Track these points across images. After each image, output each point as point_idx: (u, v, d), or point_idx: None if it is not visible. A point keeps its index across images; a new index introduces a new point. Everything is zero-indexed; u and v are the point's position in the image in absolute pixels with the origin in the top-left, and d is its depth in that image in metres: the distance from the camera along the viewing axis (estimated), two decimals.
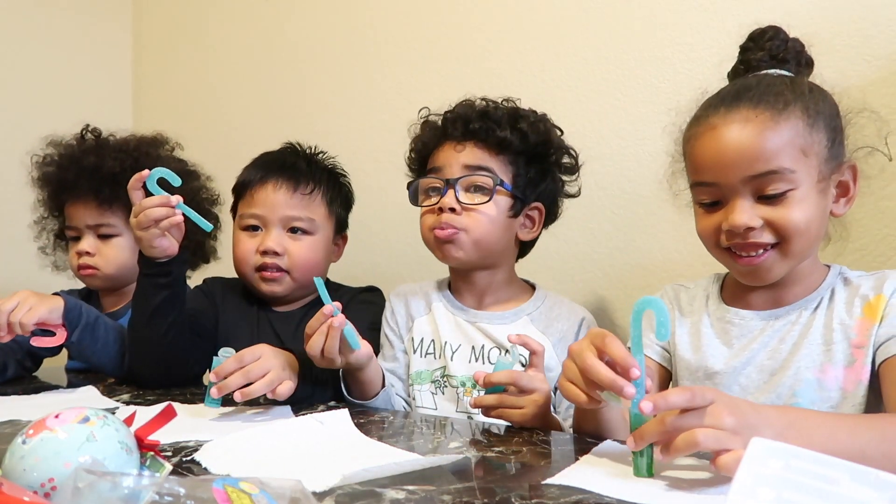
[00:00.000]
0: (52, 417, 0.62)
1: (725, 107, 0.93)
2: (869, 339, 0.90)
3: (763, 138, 0.89)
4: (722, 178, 0.92)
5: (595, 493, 0.68)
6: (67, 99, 2.10)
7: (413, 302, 1.29)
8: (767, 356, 0.96)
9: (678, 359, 1.04)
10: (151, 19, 2.31)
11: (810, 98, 0.92)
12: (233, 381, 0.99)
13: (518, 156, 1.21)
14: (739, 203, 0.91)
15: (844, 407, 0.90)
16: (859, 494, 0.51)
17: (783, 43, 0.99)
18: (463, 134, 1.20)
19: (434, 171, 1.22)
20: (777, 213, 0.90)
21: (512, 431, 0.95)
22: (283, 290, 1.33)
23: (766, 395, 0.94)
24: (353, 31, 1.82)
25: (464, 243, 1.18)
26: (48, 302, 1.21)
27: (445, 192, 1.18)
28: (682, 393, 0.70)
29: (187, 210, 1.17)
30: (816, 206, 0.91)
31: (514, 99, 1.27)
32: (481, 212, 1.18)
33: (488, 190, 1.18)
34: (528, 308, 1.24)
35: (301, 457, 0.82)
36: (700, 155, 0.95)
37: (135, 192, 1.16)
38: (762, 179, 0.89)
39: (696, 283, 1.10)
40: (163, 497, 0.50)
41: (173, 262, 1.20)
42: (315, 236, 1.35)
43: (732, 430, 0.68)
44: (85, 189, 1.42)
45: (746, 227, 0.90)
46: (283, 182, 1.32)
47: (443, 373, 1.22)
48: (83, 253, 1.44)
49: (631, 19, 1.41)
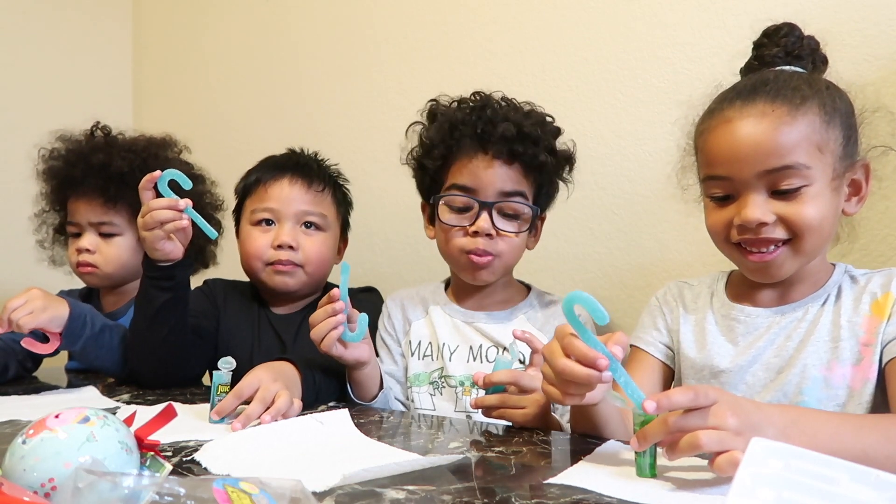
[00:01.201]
0: (52, 417, 0.62)
1: (741, 100, 0.92)
2: (877, 336, 0.90)
3: (779, 133, 0.88)
4: (736, 172, 0.91)
5: (596, 493, 0.68)
6: (67, 99, 2.10)
7: (410, 306, 1.29)
8: (774, 353, 0.95)
9: (683, 357, 1.03)
10: (151, 19, 2.31)
11: (827, 95, 0.92)
12: (237, 425, 0.94)
13: (545, 174, 1.21)
14: (753, 197, 0.90)
15: (851, 405, 0.90)
16: (859, 494, 0.51)
17: (798, 40, 0.98)
18: (505, 153, 1.16)
19: (465, 188, 1.18)
20: (791, 209, 0.89)
21: (512, 431, 0.95)
22: (295, 284, 1.33)
23: (773, 394, 0.93)
24: (353, 31, 1.82)
25: (496, 269, 1.20)
26: (53, 309, 1.19)
27: (480, 215, 1.16)
28: (686, 393, 0.70)
29: (194, 215, 1.16)
30: (830, 203, 0.90)
31: (533, 104, 1.25)
32: (516, 238, 1.19)
33: (524, 218, 1.19)
34: (525, 307, 1.25)
35: (301, 457, 0.81)
36: (714, 148, 0.94)
37: (145, 193, 1.16)
38: (777, 174, 0.88)
39: (700, 279, 1.09)
40: (163, 497, 0.50)
41: (177, 267, 1.19)
42: (326, 233, 1.35)
43: (735, 430, 0.68)
44: (91, 186, 1.41)
45: (759, 223, 0.89)
46: (298, 178, 1.34)
47: (440, 373, 1.22)
48: (83, 250, 1.44)
49: (631, 19, 1.41)
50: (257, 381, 0.99)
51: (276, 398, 0.97)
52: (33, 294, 1.19)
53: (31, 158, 1.51)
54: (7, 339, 1.39)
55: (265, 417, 0.93)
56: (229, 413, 0.97)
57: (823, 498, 0.51)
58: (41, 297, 1.19)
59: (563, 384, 0.76)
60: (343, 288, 1.05)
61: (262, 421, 0.93)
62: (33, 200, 1.55)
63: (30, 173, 1.52)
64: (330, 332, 1.04)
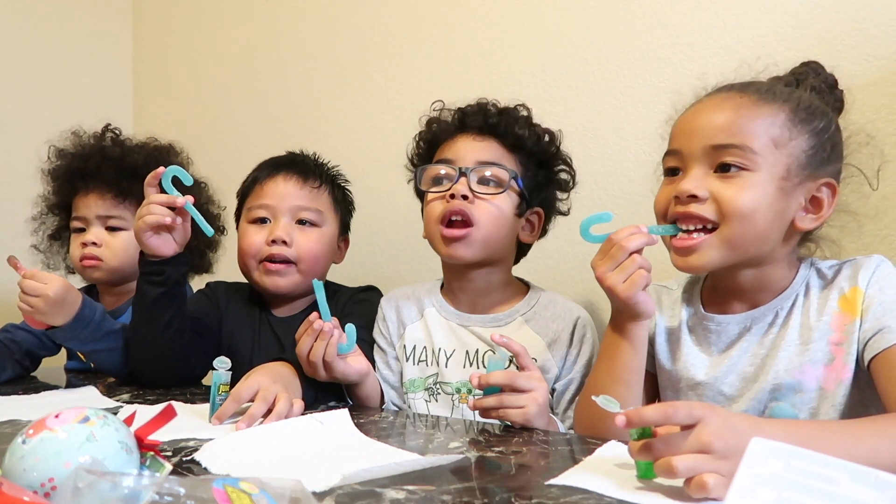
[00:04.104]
0: (52, 417, 0.62)
1: (715, 90, 0.95)
2: (848, 335, 0.88)
3: (736, 114, 0.89)
4: (685, 144, 0.91)
5: (596, 494, 0.68)
6: (68, 99, 2.10)
7: (405, 308, 1.27)
8: (748, 362, 0.94)
9: (659, 369, 1.02)
10: (151, 19, 2.31)
11: (806, 110, 0.91)
12: (241, 425, 0.94)
13: (530, 157, 1.21)
14: (693, 171, 0.90)
15: (824, 407, 0.88)
16: (859, 494, 0.51)
17: (822, 82, 0.99)
18: (480, 128, 1.20)
19: (446, 161, 1.20)
20: (725, 190, 0.88)
21: (512, 431, 0.95)
22: (287, 285, 1.32)
23: (748, 403, 0.92)
24: (353, 31, 1.82)
25: (474, 243, 1.16)
26: (52, 317, 1.18)
27: (458, 180, 1.16)
28: (658, 411, 0.68)
29: (193, 212, 1.18)
30: (771, 199, 0.88)
31: (526, 106, 1.26)
32: (493, 203, 1.16)
33: (502, 183, 1.17)
34: (522, 308, 1.21)
35: (301, 457, 0.81)
36: (676, 126, 0.96)
37: (149, 189, 1.19)
38: (721, 150, 0.88)
39: (679, 282, 1.07)
40: (163, 497, 0.50)
41: (168, 263, 1.20)
42: (322, 229, 1.35)
43: (721, 454, 0.64)
44: (105, 178, 1.43)
45: (690, 195, 0.88)
46: (293, 174, 1.34)
47: (436, 380, 1.20)
48: (89, 243, 1.44)
49: (631, 19, 1.41)
50: (256, 385, 0.99)
51: (275, 401, 0.97)
52: (46, 293, 1.16)
53: (30, 158, 1.52)
54: (5, 338, 1.39)
55: (270, 420, 0.94)
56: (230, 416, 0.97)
57: (823, 498, 0.51)
58: (62, 291, 1.18)
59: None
60: (323, 306, 1.03)
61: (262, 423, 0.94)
62: (33, 202, 1.55)
63: (29, 173, 1.53)
64: (326, 350, 1.03)
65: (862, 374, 0.88)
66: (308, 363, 1.05)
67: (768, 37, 1.26)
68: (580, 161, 1.30)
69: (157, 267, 1.20)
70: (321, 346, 1.03)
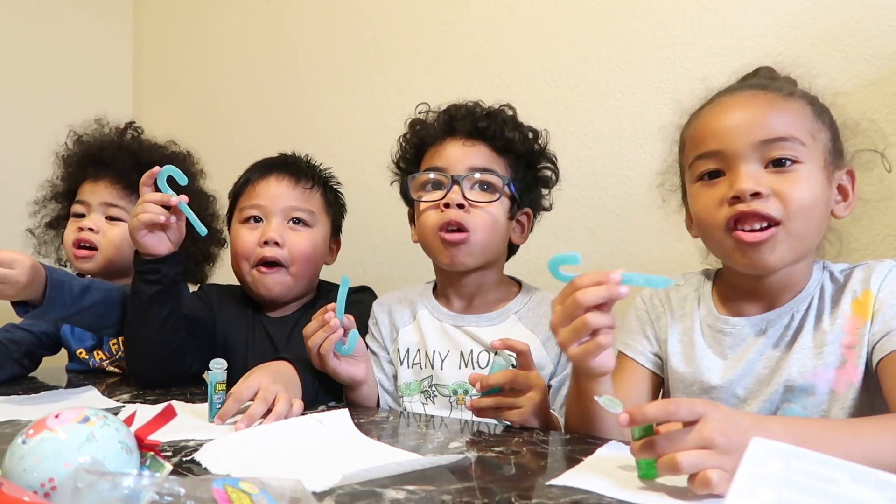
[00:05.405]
0: (52, 417, 0.62)
1: (731, 90, 0.94)
2: (860, 338, 0.88)
3: (772, 109, 0.88)
4: (728, 143, 0.88)
5: (596, 494, 0.68)
6: (68, 99, 2.10)
7: (397, 311, 1.26)
8: (763, 365, 0.93)
9: (671, 370, 1.00)
10: (151, 19, 2.31)
11: (814, 98, 0.93)
12: (240, 425, 0.94)
13: (518, 159, 1.21)
14: (746, 168, 0.87)
15: (834, 409, 0.88)
16: (859, 494, 0.51)
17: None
18: (470, 132, 1.18)
19: (436, 168, 1.18)
20: (785, 185, 0.86)
21: (511, 432, 0.95)
22: (279, 289, 1.32)
23: (760, 404, 0.92)
24: (353, 31, 1.83)
25: (473, 249, 1.15)
26: (21, 295, 1.09)
27: (451, 188, 1.14)
28: (660, 407, 0.68)
29: (187, 211, 1.19)
30: (822, 190, 0.88)
31: (511, 105, 1.25)
32: (487, 211, 1.15)
33: (496, 189, 1.16)
34: (515, 306, 1.21)
35: (301, 457, 0.81)
36: (705, 126, 0.92)
37: (144, 188, 1.20)
38: (772, 144, 0.86)
39: (687, 279, 1.06)
40: (163, 497, 0.50)
41: (163, 262, 1.20)
42: (314, 229, 1.35)
43: (724, 449, 0.64)
44: (119, 167, 1.44)
45: (753, 192, 0.85)
46: (285, 175, 1.34)
47: (431, 382, 1.20)
48: (86, 228, 1.44)
49: (631, 19, 1.41)
50: (256, 384, 0.99)
51: (275, 401, 0.97)
52: (17, 279, 1.06)
53: (30, 158, 1.52)
54: (5, 338, 1.39)
55: (269, 420, 0.94)
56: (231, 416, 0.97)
57: (823, 498, 0.51)
58: (21, 286, 1.07)
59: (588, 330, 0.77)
60: (340, 303, 1.04)
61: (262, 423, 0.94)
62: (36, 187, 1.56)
63: (29, 173, 1.53)
64: (324, 342, 1.05)
65: (871, 377, 0.88)
66: (307, 346, 1.08)
67: (768, 37, 1.26)
68: (580, 161, 1.30)
69: (152, 265, 1.20)
70: (321, 336, 1.05)
